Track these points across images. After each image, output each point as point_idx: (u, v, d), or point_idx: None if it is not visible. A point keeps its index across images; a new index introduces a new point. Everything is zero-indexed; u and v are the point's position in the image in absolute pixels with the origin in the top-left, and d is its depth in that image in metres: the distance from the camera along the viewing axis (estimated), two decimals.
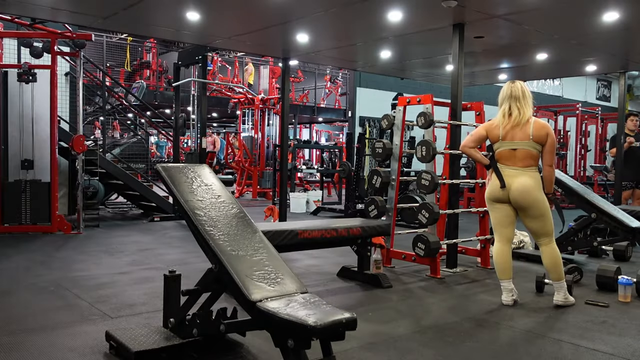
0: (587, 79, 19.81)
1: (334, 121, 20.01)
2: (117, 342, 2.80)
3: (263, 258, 2.70)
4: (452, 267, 5.15)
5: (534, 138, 3.85)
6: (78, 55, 7.11)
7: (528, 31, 5.61)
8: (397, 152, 5.20)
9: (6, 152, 6.84)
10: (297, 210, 10.05)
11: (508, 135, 3.94)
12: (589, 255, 5.99)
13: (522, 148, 3.88)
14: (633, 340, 3.25)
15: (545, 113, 13.65)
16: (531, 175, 3.88)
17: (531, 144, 3.86)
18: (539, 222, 3.90)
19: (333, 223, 4.39)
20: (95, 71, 10.91)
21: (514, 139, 3.91)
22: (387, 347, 3.04)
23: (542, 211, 3.88)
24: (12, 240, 6.30)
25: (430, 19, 5.26)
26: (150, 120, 11.51)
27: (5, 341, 2.99)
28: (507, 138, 3.94)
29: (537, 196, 3.86)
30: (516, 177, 3.89)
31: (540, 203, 3.87)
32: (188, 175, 3.08)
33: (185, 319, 2.82)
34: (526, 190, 3.85)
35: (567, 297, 3.97)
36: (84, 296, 3.95)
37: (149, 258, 5.46)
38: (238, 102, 13.87)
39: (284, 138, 7.37)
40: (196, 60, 9.18)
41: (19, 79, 6.78)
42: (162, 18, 5.68)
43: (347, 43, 6.47)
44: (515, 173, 3.90)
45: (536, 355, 3.01)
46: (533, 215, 3.89)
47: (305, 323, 2.11)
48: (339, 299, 4.03)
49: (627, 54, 6.86)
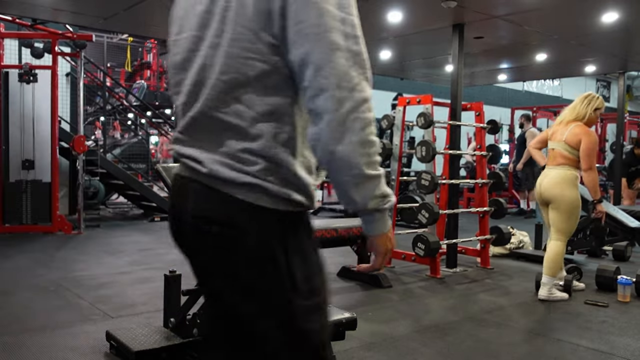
0: (586, 79, 19.80)
1: None
2: (117, 342, 2.80)
3: None
4: (452, 267, 5.16)
5: (567, 141, 3.99)
6: (79, 55, 7.12)
7: (528, 32, 5.62)
8: (397, 152, 5.20)
9: (7, 152, 6.84)
10: None
11: (551, 137, 4.16)
12: (588, 255, 6.00)
13: (557, 148, 4.05)
14: (632, 340, 3.25)
15: (545, 113, 13.65)
16: (559, 171, 4.01)
17: (563, 146, 4.00)
18: (556, 215, 4.02)
19: (333, 223, 4.39)
20: (96, 71, 10.91)
21: (553, 139, 4.12)
22: (387, 347, 3.04)
23: (562, 207, 3.98)
24: (13, 240, 6.30)
25: (430, 19, 5.27)
26: (151, 121, 11.52)
27: (7, 341, 3.00)
28: (551, 139, 4.16)
29: (559, 191, 3.97)
30: (547, 175, 4.08)
31: (560, 197, 3.96)
32: None
33: (186, 318, 2.83)
34: (550, 184, 4.01)
35: (552, 293, 4.06)
36: (85, 296, 3.96)
37: (150, 258, 5.47)
38: None
39: None
40: None
41: (20, 80, 6.79)
42: (162, 18, 5.69)
43: None
44: (548, 172, 4.09)
45: (536, 355, 3.01)
46: (553, 207, 4.03)
47: None
48: (339, 299, 4.03)
49: (626, 55, 6.87)
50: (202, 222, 1.13)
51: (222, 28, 1.10)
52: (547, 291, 4.07)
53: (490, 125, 5.39)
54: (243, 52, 1.08)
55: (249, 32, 1.07)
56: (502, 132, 13.59)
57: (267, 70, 1.08)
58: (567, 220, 3.99)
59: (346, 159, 1.05)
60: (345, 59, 1.04)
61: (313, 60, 1.04)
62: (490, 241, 5.31)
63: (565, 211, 3.97)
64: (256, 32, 1.07)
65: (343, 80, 1.03)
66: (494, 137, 12.25)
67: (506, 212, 5.44)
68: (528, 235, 6.08)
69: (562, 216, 3.99)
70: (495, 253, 5.83)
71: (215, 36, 1.11)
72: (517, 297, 4.22)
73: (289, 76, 1.10)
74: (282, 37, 1.06)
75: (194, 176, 1.15)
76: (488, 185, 5.34)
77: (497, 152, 5.46)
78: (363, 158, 1.05)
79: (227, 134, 1.11)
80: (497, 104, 17.10)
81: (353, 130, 1.04)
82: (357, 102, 1.04)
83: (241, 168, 1.09)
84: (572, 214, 3.98)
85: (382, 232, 1.16)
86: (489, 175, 5.38)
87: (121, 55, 15.87)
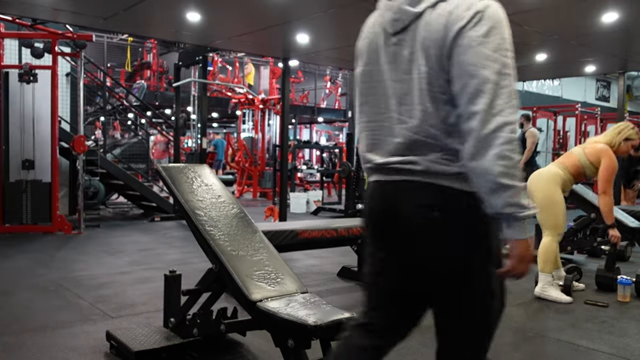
0: (586, 79, 19.80)
1: (334, 121, 20.01)
2: (117, 342, 2.80)
3: (263, 258, 2.71)
4: None
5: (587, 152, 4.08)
6: (79, 55, 7.12)
7: (528, 32, 5.62)
8: None
9: (7, 152, 6.84)
10: (297, 210, 10.05)
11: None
12: (588, 255, 5.99)
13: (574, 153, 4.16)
14: (632, 340, 3.25)
15: (545, 113, 13.66)
16: (548, 168, 4.14)
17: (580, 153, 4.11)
18: (540, 213, 4.07)
19: (333, 223, 4.39)
20: (96, 71, 10.91)
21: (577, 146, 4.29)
22: None
23: (541, 203, 4.02)
24: (13, 240, 6.30)
25: None
26: (151, 121, 11.52)
27: (7, 341, 3.00)
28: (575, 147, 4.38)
29: (534, 185, 4.08)
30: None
31: (534, 192, 4.06)
32: (188, 176, 3.08)
33: (186, 318, 2.83)
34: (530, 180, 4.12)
35: (545, 290, 4.08)
36: (85, 296, 3.96)
37: (150, 258, 5.47)
38: (238, 103, 13.88)
39: (284, 138, 7.38)
40: (196, 60, 9.17)
41: (20, 80, 6.79)
42: (162, 18, 5.69)
43: (347, 43, 6.48)
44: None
45: (536, 355, 3.01)
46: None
47: (305, 323, 2.12)
48: (339, 299, 4.03)
49: (626, 55, 6.87)
50: (425, 209, 1.41)
51: (409, 69, 1.43)
52: (540, 288, 4.13)
53: None
54: (429, 87, 1.39)
55: (433, 71, 1.38)
56: None
57: (447, 100, 1.38)
58: (543, 214, 4.05)
59: (485, 169, 1.30)
60: (493, 90, 1.30)
61: (467, 92, 1.32)
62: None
63: (539, 205, 4.03)
64: (437, 70, 1.37)
65: (490, 108, 1.30)
66: None
67: None
68: None
69: (544, 213, 4.07)
70: None
71: (405, 72, 1.44)
72: (517, 298, 4.21)
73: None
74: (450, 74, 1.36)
75: (408, 177, 1.44)
76: None
77: None
78: (500, 169, 1.29)
79: (427, 146, 1.41)
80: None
81: (493, 146, 1.29)
82: (499, 124, 1.29)
83: (447, 164, 1.40)
84: (544, 207, 4.03)
85: (518, 238, 1.36)
86: None
87: (121, 55, 15.87)
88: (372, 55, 1.55)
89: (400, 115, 1.46)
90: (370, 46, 1.56)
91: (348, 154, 9.65)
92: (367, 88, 1.57)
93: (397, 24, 1.47)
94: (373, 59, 1.54)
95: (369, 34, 1.59)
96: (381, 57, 1.51)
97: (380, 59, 1.51)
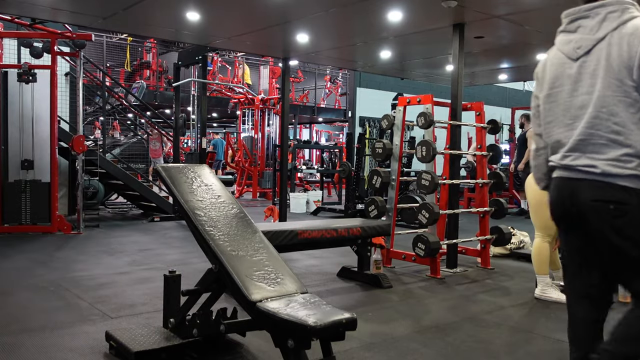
0: None
1: (334, 121, 20.00)
2: (117, 342, 2.80)
3: (263, 258, 2.70)
4: (452, 267, 5.15)
5: None
6: (78, 55, 7.12)
7: (528, 31, 5.61)
8: (397, 152, 5.20)
9: (6, 152, 6.84)
10: (297, 210, 10.05)
11: None
12: None
13: None
14: None
15: None
16: None
17: None
18: (531, 214, 4.21)
19: (333, 223, 4.39)
20: (95, 71, 10.91)
21: None
22: (387, 347, 3.04)
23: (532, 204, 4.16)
24: (12, 240, 6.30)
25: (430, 19, 5.26)
26: (150, 121, 11.51)
27: (6, 341, 2.99)
28: None
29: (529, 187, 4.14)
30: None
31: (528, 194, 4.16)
32: (188, 176, 3.08)
33: (185, 319, 2.82)
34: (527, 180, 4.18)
35: (545, 292, 4.11)
36: (84, 296, 3.96)
37: (149, 258, 5.46)
38: (238, 102, 13.87)
39: (284, 138, 7.37)
40: (196, 60, 9.18)
41: (19, 79, 6.78)
42: (162, 18, 5.68)
43: (347, 43, 6.47)
44: None
45: (536, 355, 3.01)
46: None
47: (305, 323, 2.11)
48: (339, 299, 4.03)
49: None
50: (601, 203, 1.74)
51: (594, 82, 1.77)
52: (540, 290, 4.16)
53: (490, 125, 5.38)
54: (613, 94, 1.73)
55: (616, 81, 1.72)
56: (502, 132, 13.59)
57: (630, 103, 1.71)
58: (533, 215, 4.17)
59: None
60: None
61: None
62: (490, 241, 5.30)
63: (530, 206, 4.20)
64: (621, 80, 1.71)
65: None
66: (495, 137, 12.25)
67: (507, 212, 5.43)
68: (529, 236, 6.07)
69: (530, 210, 4.21)
70: (495, 253, 5.82)
71: (589, 86, 1.78)
72: (517, 298, 4.21)
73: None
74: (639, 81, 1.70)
75: (589, 177, 1.77)
76: (488, 186, 5.33)
77: (497, 152, 5.46)
78: None
79: (610, 146, 1.73)
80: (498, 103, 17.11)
81: None
82: None
83: (623, 166, 1.70)
84: (534, 208, 4.14)
85: None
86: (489, 175, 5.37)
87: (121, 54, 15.87)
88: (555, 81, 1.89)
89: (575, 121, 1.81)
90: (554, 73, 1.90)
91: (348, 154, 9.63)
92: (550, 108, 1.91)
93: (579, 51, 1.83)
94: (557, 84, 1.88)
95: (552, 65, 1.93)
96: (565, 81, 1.86)
97: (564, 83, 1.86)
